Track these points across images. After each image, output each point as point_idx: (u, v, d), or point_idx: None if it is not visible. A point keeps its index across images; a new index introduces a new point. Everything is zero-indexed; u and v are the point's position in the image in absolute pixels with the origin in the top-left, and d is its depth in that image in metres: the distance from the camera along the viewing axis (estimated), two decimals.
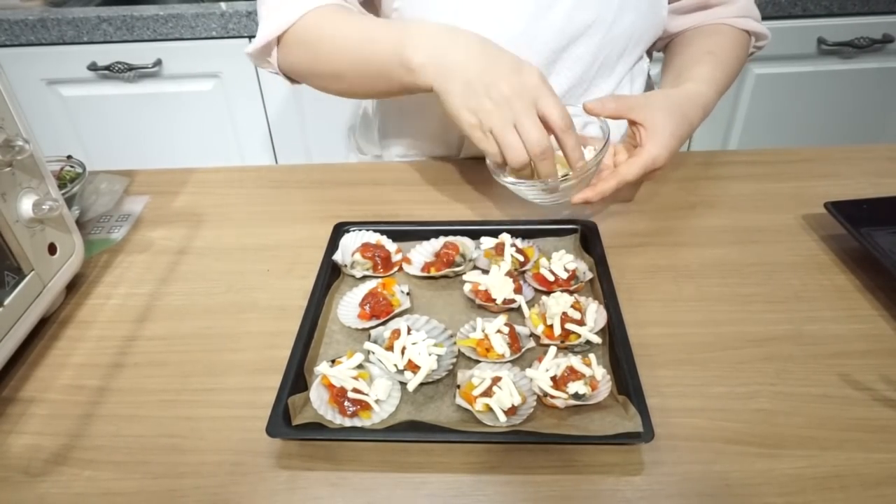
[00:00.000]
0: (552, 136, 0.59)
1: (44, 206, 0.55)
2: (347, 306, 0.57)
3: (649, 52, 0.86)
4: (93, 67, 1.35)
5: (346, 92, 0.72)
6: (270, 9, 0.71)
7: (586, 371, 0.48)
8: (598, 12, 0.73)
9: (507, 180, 0.63)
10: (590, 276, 0.59)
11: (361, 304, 0.56)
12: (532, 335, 0.54)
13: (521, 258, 0.61)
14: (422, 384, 0.49)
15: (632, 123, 0.66)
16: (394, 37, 0.62)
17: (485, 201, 0.74)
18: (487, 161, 0.65)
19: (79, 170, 0.72)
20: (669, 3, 0.79)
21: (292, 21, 0.68)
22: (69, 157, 0.72)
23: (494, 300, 0.56)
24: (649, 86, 0.91)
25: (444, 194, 0.76)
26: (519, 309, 0.56)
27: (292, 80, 0.75)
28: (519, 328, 0.54)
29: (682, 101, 0.68)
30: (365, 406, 0.47)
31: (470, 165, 0.82)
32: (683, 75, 0.74)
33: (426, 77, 0.60)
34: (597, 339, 0.52)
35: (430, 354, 0.50)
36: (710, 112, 0.72)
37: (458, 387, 0.48)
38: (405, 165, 0.82)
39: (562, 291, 0.57)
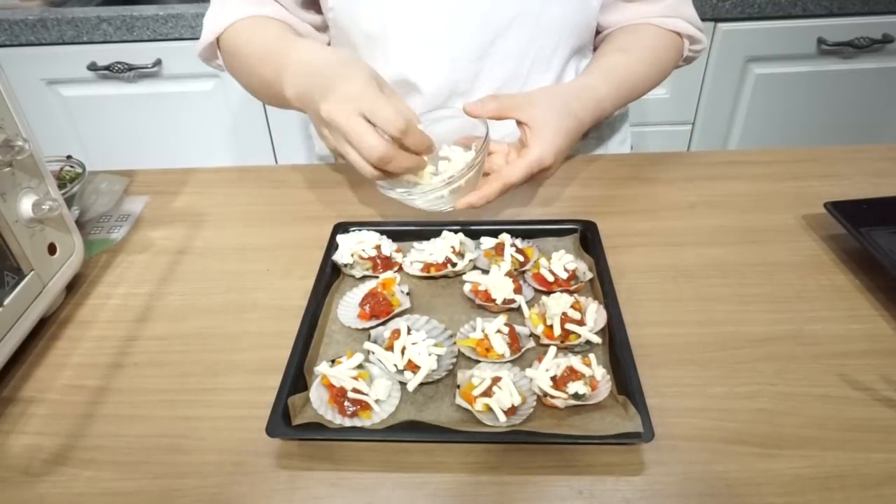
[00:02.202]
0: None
1: (44, 206, 0.55)
2: (347, 306, 0.57)
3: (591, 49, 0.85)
4: (93, 67, 1.35)
5: (264, 101, 0.78)
6: (209, 13, 0.76)
7: (586, 371, 0.48)
8: (522, 4, 0.72)
9: (395, 192, 0.60)
10: (590, 276, 0.59)
11: (361, 304, 0.56)
12: (532, 335, 0.54)
13: (521, 258, 0.61)
14: (422, 384, 0.49)
15: (518, 123, 0.64)
16: (276, 65, 0.65)
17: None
18: (376, 183, 0.63)
19: (78, 170, 0.72)
20: None
21: (221, 29, 0.74)
22: (69, 157, 0.72)
23: (494, 300, 0.56)
24: None
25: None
26: (519, 309, 0.56)
27: None
28: (519, 328, 0.54)
29: (568, 97, 0.66)
30: (365, 406, 0.47)
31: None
32: (584, 71, 0.73)
33: (299, 108, 0.64)
34: (597, 339, 0.52)
35: (430, 354, 0.50)
36: (607, 108, 0.70)
37: (458, 387, 0.48)
38: None
39: (562, 291, 0.57)
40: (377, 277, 0.59)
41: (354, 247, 0.61)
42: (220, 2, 0.76)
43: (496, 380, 0.47)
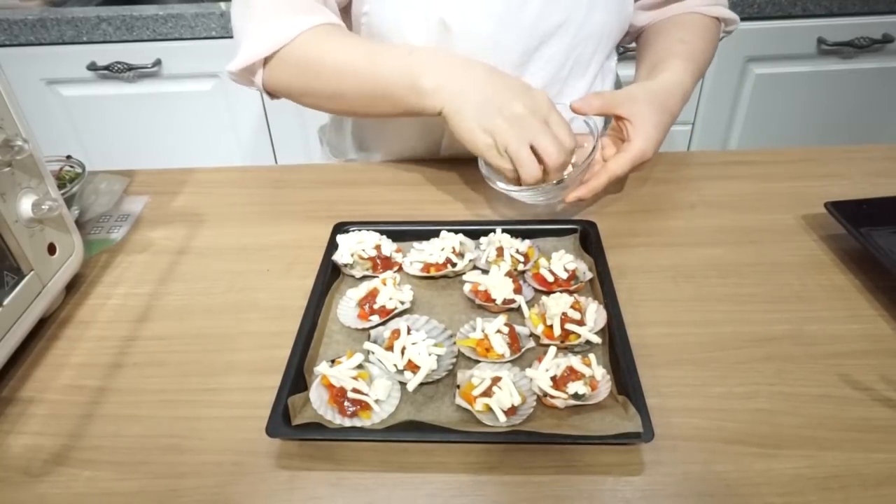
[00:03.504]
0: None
1: (43, 206, 0.54)
2: (347, 306, 0.57)
3: (616, 49, 0.86)
4: (92, 67, 1.35)
5: (341, 111, 0.73)
6: (257, 26, 0.68)
7: (586, 371, 0.48)
8: (568, 13, 0.74)
9: (503, 186, 0.64)
10: (590, 276, 0.59)
11: (361, 304, 0.56)
12: (532, 335, 0.54)
13: (522, 258, 0.61)
14: (422, 384, 0.49)
15: (617, 118, 0.67)
16: (402, 60, 0.64)
17: (485, 201, 0.74)
18: (481, 168, 0.66)
19: (78, 170, 0.72)
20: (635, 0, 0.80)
21: (286, 41, 0.67)
22: (69, 157, 0.72)
23: (494, 300, 0.56)
24: (618, 82, 0.91)
25: (444, 194, 0.76)
26: (519, 309, 0.56)
27: (273, 95, 0.74)
28: (519, 328, 0.54)
29: (662, 92, 0.69)
30: (365, 406, 0.47)
31: (470, 165, 0.82)
32: (658, 66, 0.74)
33: (437, 100, 0.62)
34: (597, 339, 0.52)
35: (429, 354, 0.50)
36: (689, 99, 0.73)
37: (458, 387, 0.48)
38: (405, 165, 0.82)
39: (562, 291, 0.57)
40: (377, 277, 0.59)
41: (354, 247, 0.61)
42: (265, 16, 0.69)
43: (496, 380, 0.47)
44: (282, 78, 0.70)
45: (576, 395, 0.46)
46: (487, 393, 0.46)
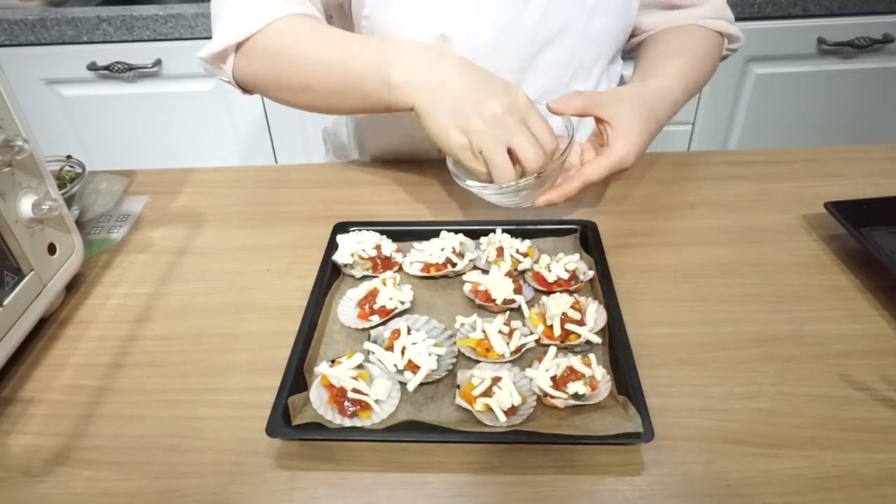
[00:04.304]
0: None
1: (43, 206, 0.54)
2: (347, 306, 0.57)
3: (623, 54, 0.86)
4: (92, 67, 1.35)
5: (311, 106, 0.68)
6: (232, 12, 0.66)
7: (586, 371, 0.48)
8: (568, 18, 0.73)
9: (471, 184, 0.60)
10: (590, 275, 0.59)
11: (361, 304, 0.56)
12: (532, 335, 0.54)
13: (522, 259, 0.61)
14: (422, 384, 0.49)
15: (598, 121, 0.64)
16: (374, 52, 0.60)
17: (485, 201, 0.74)
18: (449, 165, 0.64)
19: (78, 170, 0.72)
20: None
21: (258, 28, 0.64)
22: (69, 157, 0.72)
23: (494, 300, 0.56)
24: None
25: (444, 194, 0.76)
26: (519, 309, 0.56)
27: (245, 89, 0.72)
28: (519, 328, 0.54)
29: (649, 97, 0.66)
30: (365, 406, 0.47)
31: None
32: (651, 71, 0.72)
33: (408, 95, 0.58)
34: (597, 339, 0.52)
35: (430, 354, 0.50)
36: (678, 109, 0.71)
37: (458, 387, 0.48)
38: (405, 165, 0.82)
39: (562, 291, 0.57)
40: (377, 277, 0.59)
41: (354, 247, 0.61)
42: (242, 4, 0.67)
43: (496, 380, 0.47)
44: (250, 68, 0.67)
45: (576, 395, 0.46)
46: (487, 393, 0.46)
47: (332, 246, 0.63)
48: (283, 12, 0.65)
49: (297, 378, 0.49)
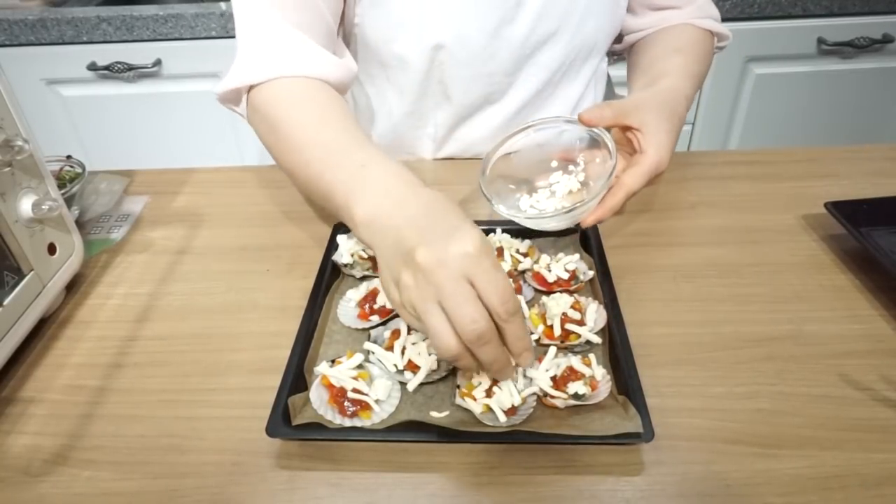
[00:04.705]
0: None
1: (43, 206, 0.54)
2: (347, 306, 0.57)
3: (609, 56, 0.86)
4: (92, 67, 1.35)
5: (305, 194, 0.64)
6: (247, 51, 0.64)
7: (586, 371, 0.48)
8: (560, 22, 0.73)
9: (507, 212, 0.58)
10: (590, 275, 0.59)
11: (361, 304, 0.56)
12: (532, 335, 0.54)
13: (522, 259, 0.61)
14: (422, 384, 0.49)
15: (624, 129, 0.63)
16: (349, 174, 0.53)
17: (485, 201, 0.74)
18: (482, 188, 0.59)
19: (78, 170, 0.72)
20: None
21: (262, 79, 0.62)
22: (69, 157, 0.72)
23: None
24: (610, 86, 0.91)
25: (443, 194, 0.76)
26: None
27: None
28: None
29: (667, 97, 0.66)
30: (365, 406, 0.47)
31: (464, 165, 0.82)
32: (656, 74, 0.72)
33: (366, 237, 0.50)
34: (597, 339, 0.52)
35: (430, 354, 0.50)
36: (690, 105, 0.71)
37: (458, 387, 0.48)
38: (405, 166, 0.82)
39: (562, 291, 0.57)
40: (377, 277, 0.59)
41: (354, 247, 0.61)
42: (256, 43, 0.64)
43: (496, 380, 0.47)
44: (253, 124, 0.65)
45: (576, 395, 0.46)
46: (488, 393, 0.46)
47: (332, 246, 0.63)
48: (292, 71, 0.62)
49: (297, 378, 0.49)
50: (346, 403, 0.47)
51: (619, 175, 0.59)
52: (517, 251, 0.61)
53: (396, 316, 0.56)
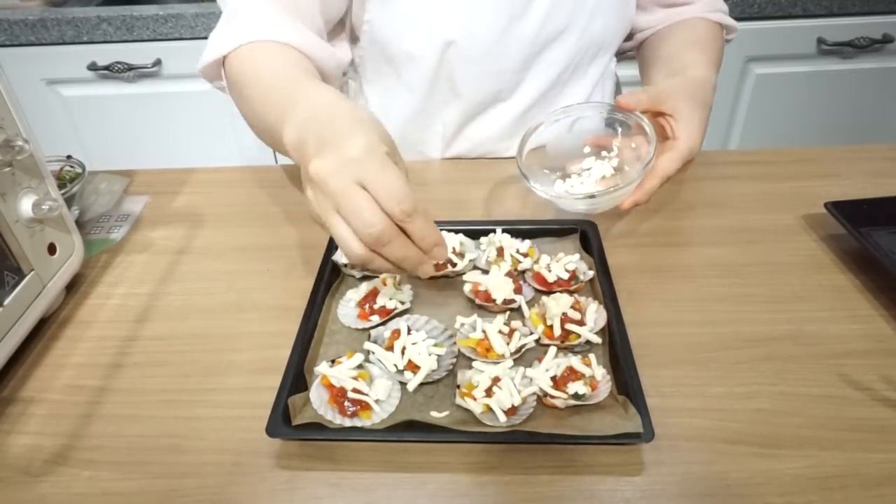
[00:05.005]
0: None
1: (43, 206, 0.54)
2: (347, 306, 0.57)
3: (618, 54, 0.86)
4: (92, 67, 1.35)
5: (271, 147, 0.65)
6: (220, 26, 0.67)
7: (586, 371, 0.48)
8: (570, 19, 0.74)
9: (545, 192, 0.60)
10: (590, 275, 0.59)
11: (361, 304, 0.56)
12: (532, 335, 0.54)
13: (522, 259, 0.61)
14: (422, 384, 0.49)
15: (657, 115, 0.65)
16: (284, 106, 0.53)
17: (485, 201, 0.74)
18: (519, 166, 0.63)
19: (78, 170, 0.72)
20: None
21: (228, 48, 0.64)
22: (69, 157, 0.72)
23: (494, 300, 0.56)
24: (617, 84, 0.91)
25: (444, 194, 0.76)
26: (519, 309, 0.56)
27: None
28: (519, 328, 0.54)
29: (697, 85, 0.68)
30: (365, 406, 0.47)
31: (471, 164, 0.82)
32: (678, 66, 0.73)
33: (294, 158, 0.50)
34: (597, 339, 0.52)
35: (430, 354, 0.50)
36: (715, 93, 0.72)
37: (458, 387, 0.48)
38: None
39: (562, 291, 0.57)
40: (377, 277, 0.59)
41: None
42: (228, 18, 0.67)
43: (496, 380, 0.47)
44: (230, 90, 0.67)
45: (576, 395, 0.46)
46: (488, 393, 0.46)
47: (332, 246, 0.63)
48: (251, 37, 0.63)
49: (297, 378, 0.49)
50: (346, 403, 0.47)
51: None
52: (517, 251, 0.61)
53: (396, 316, 0.56)
